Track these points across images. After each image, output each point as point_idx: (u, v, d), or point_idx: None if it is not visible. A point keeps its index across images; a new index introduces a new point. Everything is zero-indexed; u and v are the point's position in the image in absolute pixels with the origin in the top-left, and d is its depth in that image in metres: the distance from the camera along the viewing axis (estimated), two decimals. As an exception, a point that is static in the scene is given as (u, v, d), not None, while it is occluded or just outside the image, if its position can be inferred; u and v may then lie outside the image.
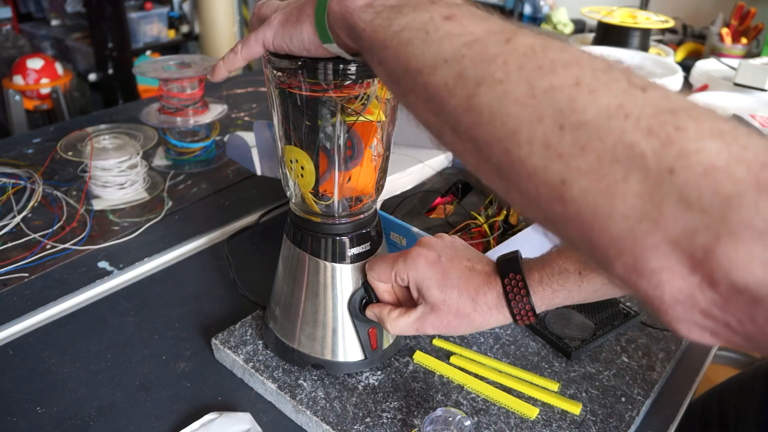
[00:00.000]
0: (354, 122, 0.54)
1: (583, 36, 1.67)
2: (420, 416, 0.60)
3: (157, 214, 0.96)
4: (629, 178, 0.26)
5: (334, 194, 0.57)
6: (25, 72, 2.45)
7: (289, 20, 0.47)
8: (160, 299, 0.79)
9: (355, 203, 0.60)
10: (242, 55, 0.51)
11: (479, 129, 0.32)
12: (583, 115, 0.28)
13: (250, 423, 0.60)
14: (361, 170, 0.58)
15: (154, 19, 2.96)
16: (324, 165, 0.56)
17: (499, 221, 0.79)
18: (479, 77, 0.32)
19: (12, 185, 1.01)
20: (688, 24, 2.13)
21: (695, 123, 0.27)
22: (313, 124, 0.54)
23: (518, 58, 0.31)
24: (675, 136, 0.26)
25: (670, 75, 1.07)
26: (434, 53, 0.34)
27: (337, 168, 0.56)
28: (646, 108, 0.28)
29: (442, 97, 0.33)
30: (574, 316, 0.73)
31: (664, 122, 0.27)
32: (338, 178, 0.57)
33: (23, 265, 0.83)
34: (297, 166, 0.57)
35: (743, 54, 1.73)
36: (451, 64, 0.33)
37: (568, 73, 0.30)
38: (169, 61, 1.10)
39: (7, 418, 0.62)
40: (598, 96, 0.29)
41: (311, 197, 0.58)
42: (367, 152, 0.57)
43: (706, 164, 0.25)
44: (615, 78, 0.29)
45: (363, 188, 0.59)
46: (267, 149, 0.84)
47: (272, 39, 0.48)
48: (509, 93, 0.30)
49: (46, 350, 0.71)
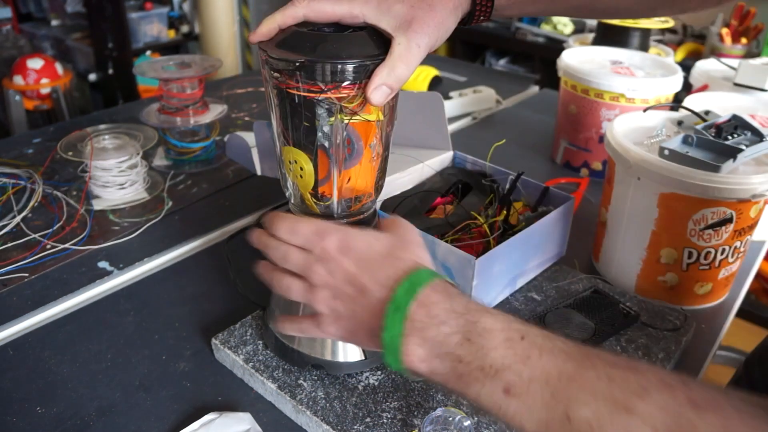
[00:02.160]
0: (350, 121, 0.54)
1: (583, 36, 1.67)
2: (420, 416, 0.60)
3: (157, 214, 0.96)
4: None
5: (333, 195, 0.57)
6: (25, 72, 2.44)
7: (342, 321, 0.50)
8: (160, 299, 0.79)
9: (355, 203, 0.60)
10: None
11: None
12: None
13: (250, 423, 0.60)
14: (360, 170, 0.57)
15: (154, 19, 2.96)
16: (323, 165, 0.56)
17: (499, 221, 0.79)
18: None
19: (12, 185, 1.01)
20: (688, 24, 2.13)
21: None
22: (312, 125, 0.54)
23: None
24: None
25: (670, 75, 1.07)
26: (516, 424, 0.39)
27: (336, 168, 0.56)
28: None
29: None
30: (574, 316, 0.73)
31: None
32: (337, 178, 0.57)
33: (23, 265, 0.83)
34: (296, 167, 0.57)
35: (743, 54, 1.73)
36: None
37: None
38: (169, 61, 1.10)
39: (7, 418, 0.62)
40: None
41: (311, 198, 0.58)
42: (367, 151, 0.57)
43: None
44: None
45: (362, 188, 0.59)
46: (267, 149, 0.84)
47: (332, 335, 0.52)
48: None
49: (46, 350, 0.71)
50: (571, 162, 1.16)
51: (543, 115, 1.42)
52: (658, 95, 1.05)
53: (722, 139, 0.75)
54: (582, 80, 1.08)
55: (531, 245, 0.78)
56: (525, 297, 0.78)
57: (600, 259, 0.87)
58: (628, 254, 0.81)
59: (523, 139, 1.29)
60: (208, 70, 1.07)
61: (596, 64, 1.15)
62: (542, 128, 1.34)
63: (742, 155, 0.72)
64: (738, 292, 0.85)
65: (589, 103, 1.08)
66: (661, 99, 1.06)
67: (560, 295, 0.79)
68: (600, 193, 0.89)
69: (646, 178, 0.74)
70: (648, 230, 0.77)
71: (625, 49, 1.23)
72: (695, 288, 0.79)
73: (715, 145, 0.75)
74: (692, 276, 0.78)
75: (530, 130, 1.36)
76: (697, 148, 0.76)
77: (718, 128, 0.77)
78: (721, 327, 0.79)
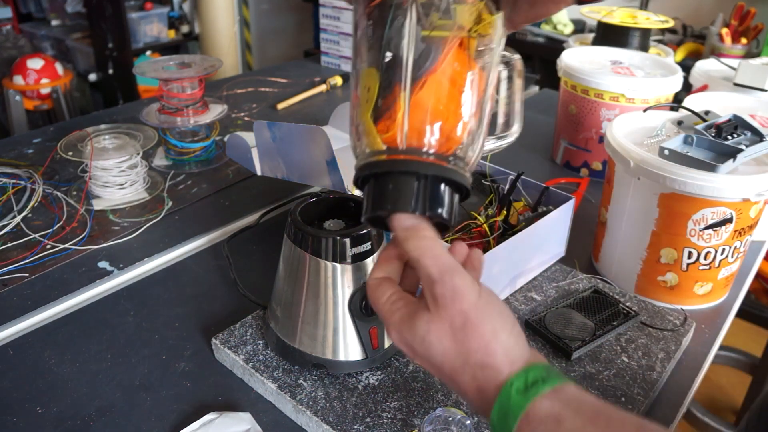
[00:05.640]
0: (430, 33, 0.44)
1: (583, 36, 1.67)
2: (420, 416, 0.60)
3: (157, 214, 0.96)
4: None
5: (402, 108, 0.44)
6: (26, 72, 2.45)
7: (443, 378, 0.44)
8: (160, 299, 0.79)
9: (429, 139, 0.44)
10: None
11: None
12: None
13: (250, 423, 0.60)
14: (435, 85, 0.44)
15: (154, 19, 2.96)
16: (392, 84, 0.44)
17: (499, 221, 0.79)
18: None
19: (12, 185, 1.01)
20: (688, 24, 2.14)
21: None
22: (389, 35, 0.44)
23: None
24: None
25: (670, 75, 1.07)
26: None
27: (403, 78, 0.43)
28: None
29: None
30: (574, 316, 0.73)
31: None
32: (405, 92, 0.43)
33: (23, 265, 0.83)
34: (365, 91, 0.46)
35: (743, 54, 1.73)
36: None
37: None
38: (169, 61, 1.10)
39: (7, 418, 0.62)
40: None
41: (371, 122, 0.45)
42: (447, 67, 0.44)
43: None
44: None
45: (437, 113, 0.44)
46: (267, 149, 0.84)
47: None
48: None
49: (46, 350, 0.71)
50: (571, 162, 1.16)
51: (543, 115, 1.42)
52: (658, 95, 1.05)
53: (722, 139, 0.75)
54: (582, 80, 1.08)
55: (531, 245, 0.78)
56: (525, 297, 0.78)
57: (600, 259, 0.87)
58: (628, 254, 0.81)
59: (523, 139, 1.28)
60: (208, 70, 1.07)
61: (596, 64, 1.15)
62: (542, 128, 1.34)
63: (742, 155, 0.72)
64: (738, 292, 0.85)
65: (589, 103, 1.08)
66: (661, 99, 1.06)
67: (560, 295, 0.79)
68: (600, 193, 0.89)
69: (646, 178, 0.74)
70: (648, 230, 0.77)
71: (625, 49, 1.23)
72: (695, 288, 0.79)
73: (715, 145, 0.75)
74: (692, 276, 0.78)
75: (530, 130, 1.35)
76: (697, 148, 0.76)
77: (718, 128, 0.77)
78: (721, 327, 0.79)
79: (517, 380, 0.39)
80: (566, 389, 0.39)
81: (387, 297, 0.44)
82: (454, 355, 0.41)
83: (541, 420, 0.38)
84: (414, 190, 0.43)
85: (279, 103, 1.41)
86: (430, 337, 0.41)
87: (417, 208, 0.43)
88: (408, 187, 0.43)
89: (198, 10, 3.06)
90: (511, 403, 0.39)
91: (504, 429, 0.39)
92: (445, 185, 0.44)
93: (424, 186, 0.43)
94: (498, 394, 0.39)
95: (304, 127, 0.76)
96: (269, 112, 1.39)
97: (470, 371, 0.40)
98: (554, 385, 0.39)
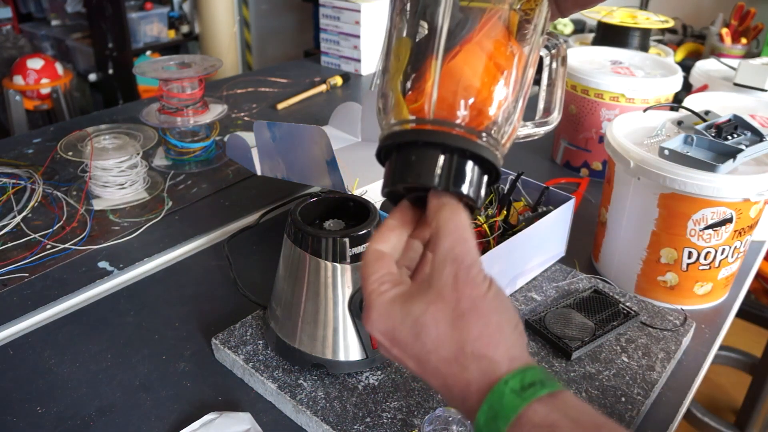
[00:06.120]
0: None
1: (583, 36, 1.67)
2: (420, 416, 0.60)
3: (157, 214, 0.96)
4: None
5: (429, 81, 0.41)
6: (25, 72, 2.45)
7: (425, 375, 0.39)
8: (160, 299, 0.79)
9: (460, 111, 0.41)
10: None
11: None
12: None
13: (250, 423, 0.60)
14: (469, 56, 0.41)
15: (154, 19, 2.97)
16: (424, 54, 0.41)
17: (499, 221, 0.79)
18: None
19: (12, 185, 1.01)
20: (688, 24, 2.13)
21: None
22: (423, 5, 0.43)
23: None
24: None
25: (670, 75, 1.07)
26: None
27: (436, 46, 0.41)
28: None
29: None
30: (574, 316, 0.73)
31: None
32: (437, 61, 0.40)
33: (23, 265, 0.83)
34: (395, 61, 0.43)
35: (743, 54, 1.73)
36: None
37: None
38: (169, 61, 1.10)
39: (7, 418, 0.62)
40: None
41: (399, 91, 0.42)
42: (484, 39, 0.41)
43: None
44: None
45: (469, 85, 0.40)
46: (267, 149, 0.84)
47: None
48: None
49: (46, 350, 0.71)
50: (571, 162, 1.16)
51: (543, 115, 1.42)
52: (658, 95, 1.05)
53: (722, 139, 0.75)
54: (582, 80, 1.08)
55: (531, 245, 0.78)
56: (525, 297, 0.78)
57: (600, 259, 0.87)
58: (628, 254, 0.81)
59: (522, 139, 1.29)
60: (208, 70, 1.07)
61: (596, 64, 1.15)
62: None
63: (742, 155, 0.72)
64: (738, 292, 0.85)
65: (589, 103, 1.08)
66: (661, 99, 1.06)
67: (560, 295, 0.79)
68: (600, 193, 0.89)
69: (646, 178, 0.74)
70: (648, 230, 0.77)
71: (625, 49, 1.23)
72: (695, 288, 0.79)
73: (715, 145, 0.75)
74: (692, 276, 0.78)
75: (530, 130, 1.35)
76: (697, 148, 0.76)
77: (718, 128, 0.77)
78: (721, 327, 0.79)
79: (513, 379, 0.35)
80: (564, 396, 0.36)
81: (380, 275, 0.40)
82: (448, 342, 0.37)
83: (535, 425, 0.34)
84: (439, 163, 0.39)
85: (279, 103, 1.41)
86: (425, 319, 0.37)
87: (441, 184, 0.39)
88: (433, 159, 0.39)
89: (198, 10, 3.06)
90: (503, 403, 0.35)
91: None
92: (474, 163, 0.40)
93: (451, 160, 0.39)
94: (489, 392, 0.35)
95: (304, 127, 0.76)
96: (269, 112, 1.39)
97: (463, 361, 0.36)
98: (552, 391, 0.35)
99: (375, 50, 1.64)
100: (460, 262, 0.37)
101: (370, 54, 1.64)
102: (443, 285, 0.37)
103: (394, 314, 0.38)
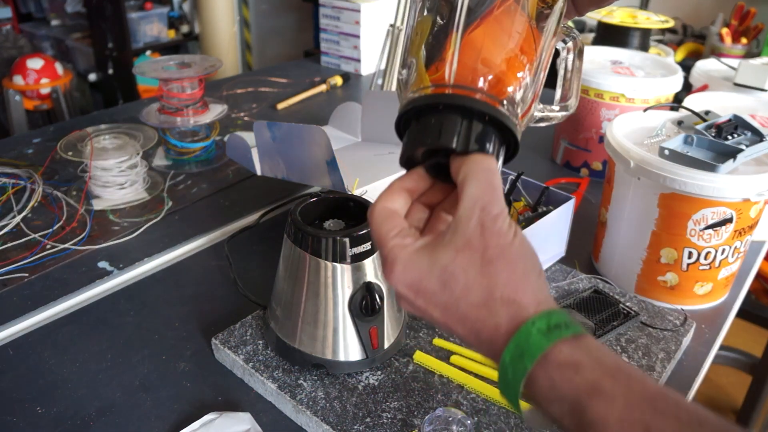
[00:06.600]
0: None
1: (583, 36, 1.67)
2: (420, 416, 0.60)
3: (157, 214, 0.96)
4: None
5: (450, 50, 0.41)
6: (25, 72, 2.45)
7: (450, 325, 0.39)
8: (160, 299, 0.79)
9: (487, 81, 0.41)
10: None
11: None
12: None
13: (250, 423, 0.60)
14: (489, 29, 0.41)
15: (154, 19, 2.96)
16: (445, 29, 0.41)
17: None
18: None
19: (12, 185, 1.01)
20: (688, 24, 2.14)
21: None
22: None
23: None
24: None
25: (670, 75, 1.07)
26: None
27: (457, 19, 0.41)
28: None
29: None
30: (574, 316, 0.73)
31: None
32: (458, 32, 0.41)
33: (23, 265, 0.83)
34: (416, 36, 0.44)
35: (743, 54, 1.73)
36: None
37: None
38: (169, 61, 1.10)
39: (7, 418, 0.62)
40: None
41: (421, 62, 0.42)
42: (502, 15, 0.42)
43: None
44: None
45: (489, 56, 0.41)
46: (267, 149, 0.84)
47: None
48: None
49: (46, 350, 0.71)
50: (571, 162, 1.16)
51: (543, 115, 1.42)
52: (658, 95, 1.05)
53: (722, 139, 0.75)
54: (582, 80, 1.07)
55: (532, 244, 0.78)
56: (525, 297, 0.78)
57: (600, 259, 0.87)
58: (628, 254, 0.81)
59: (523, 139, 1.29)
60: (208, 70, 1.07)
61: (596, 64, 1.15)
62: (542, 128, 1.33)
63: (742, 155, 0.72)
64: (738, 292, 0.85)
65: (589, 103, 1.08)
66: (661, 99, 1.06)
67: (560, 295, 0.79)
68: (600, 193, 0.89)
69: (646, 178, 0.74)
70: (648, 230, 0.77)
71: (625, 49, 1.23)
72: (695, 288, 0.79)
73: (715, 145, 0.75)
74: (692, 276, 0.78)
75: (530, 130, 1.35)
76: (697, 148, 0.76)
77: (718, 128, 0.77)
78: (721, 327, 0.79)
79: (540, 320, 0.36)
80: (588, 339, 0.37)
81: (399, 230, 0.40)
82: (477, 288, 0.37)
83: (560, 364, 0.35)
84: (459, 125, 0.39)
85: (279, 103, 1.41)
86: (454, 267, 0.37)
87: (462, 144, 0.39)
88: (454, 121, 0.39)
89: (198, 10, 3.05)
90: (530, 343, 0.36)
91: (516, 370, 0.36)
92: (493, 131, 0.40)
93: (470, 123, 0.39)
94: (516, 332, 0.36)
95: (304, 127, 0.76)
96: (269, 112, 1.39)
97: (492, 306, 0.37)
98: (576, 333, 0.36)
99: (375, 50, 1.64)
100: (488, 211, 0.38)
101: (370, 54, 1.64)
102: (471, 234, 0.38)
103: (420, 265, 0.38)
